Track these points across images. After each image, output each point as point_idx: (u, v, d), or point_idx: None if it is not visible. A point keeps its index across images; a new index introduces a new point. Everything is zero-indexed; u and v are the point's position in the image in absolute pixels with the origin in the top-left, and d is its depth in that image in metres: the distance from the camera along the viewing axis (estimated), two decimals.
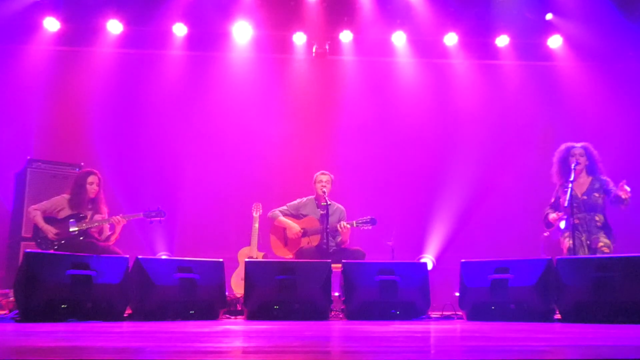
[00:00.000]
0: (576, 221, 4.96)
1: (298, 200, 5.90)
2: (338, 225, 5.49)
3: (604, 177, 5.11)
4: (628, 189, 4.75)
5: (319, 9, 7.21)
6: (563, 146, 5.26)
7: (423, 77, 7.75)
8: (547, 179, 5.43)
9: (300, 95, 7.76)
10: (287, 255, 5.67)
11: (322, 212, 5.56)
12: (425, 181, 7.57)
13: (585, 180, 5.12)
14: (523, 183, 7.38)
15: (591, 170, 5.14)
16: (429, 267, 6.37)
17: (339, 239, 5.65)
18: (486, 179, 7.48)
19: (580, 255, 4.78)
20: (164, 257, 6.76)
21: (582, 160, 5.10)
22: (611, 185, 5.01)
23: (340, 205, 5.86)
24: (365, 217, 5.46)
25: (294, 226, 5.65)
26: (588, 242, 4.93)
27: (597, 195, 5.03)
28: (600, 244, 4.86)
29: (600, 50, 7.39)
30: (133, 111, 7.43)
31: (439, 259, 7.32)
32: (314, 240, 5.60)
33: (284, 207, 5.86)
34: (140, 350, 2.18)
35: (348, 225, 5.48)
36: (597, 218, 4.99)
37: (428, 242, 7.34)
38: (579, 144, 5.19)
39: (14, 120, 7.09)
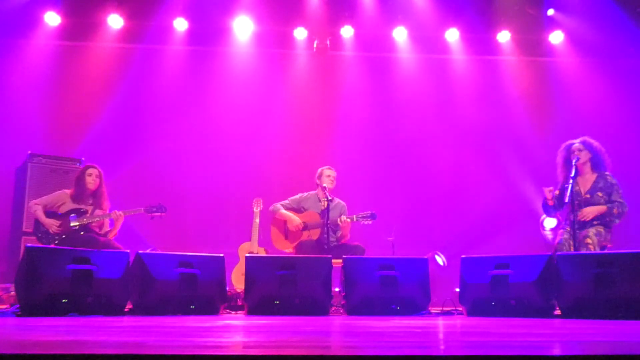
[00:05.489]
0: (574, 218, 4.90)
1: (300, 195, 5.92)
2: (338, 220, 5.50)
3: (609, 178, 4.91)
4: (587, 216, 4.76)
5: (320, 4, 7.21)
6: (563, 145, 5.15)
7: (424, 72, 7.73)
8: (548, 175, 5.42)
9: (301, 90, 7.74)
10: (288, 248, 5.68)
11: (323, 206, 5.57)
12: (425, 176, 7.56)
13: (590, 176, 4.98)
14: (524, 179, 7.37)
15: (595, 165, 4.98)
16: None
17: (339, 233, 5.66)
18: (487, 175, 7.47)
19: (565, 250, 4.70)
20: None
21: (583, 154, 4.94)
22: (614, 194, 4.84)
23: (341, 201, 5.88)
24: (365, 212, 5.48)
25: (295, 218, 5.66)
26: (578, 235, 4.73)
27: (600, 195, 4.87)
28: (587, 240, 4.69)
29: (601, 46, 7.36)
30: (134, 106, 7.41)
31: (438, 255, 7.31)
32: (314, 234, 5.61)
33: (286, 201, 5.87)
34: (141, 344, 2.18)
35: (348, 220, 5.49)
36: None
37: (428, 238, 7.32)
38: (577, 140, 5.05)
39: (15, 114, 7.08)
